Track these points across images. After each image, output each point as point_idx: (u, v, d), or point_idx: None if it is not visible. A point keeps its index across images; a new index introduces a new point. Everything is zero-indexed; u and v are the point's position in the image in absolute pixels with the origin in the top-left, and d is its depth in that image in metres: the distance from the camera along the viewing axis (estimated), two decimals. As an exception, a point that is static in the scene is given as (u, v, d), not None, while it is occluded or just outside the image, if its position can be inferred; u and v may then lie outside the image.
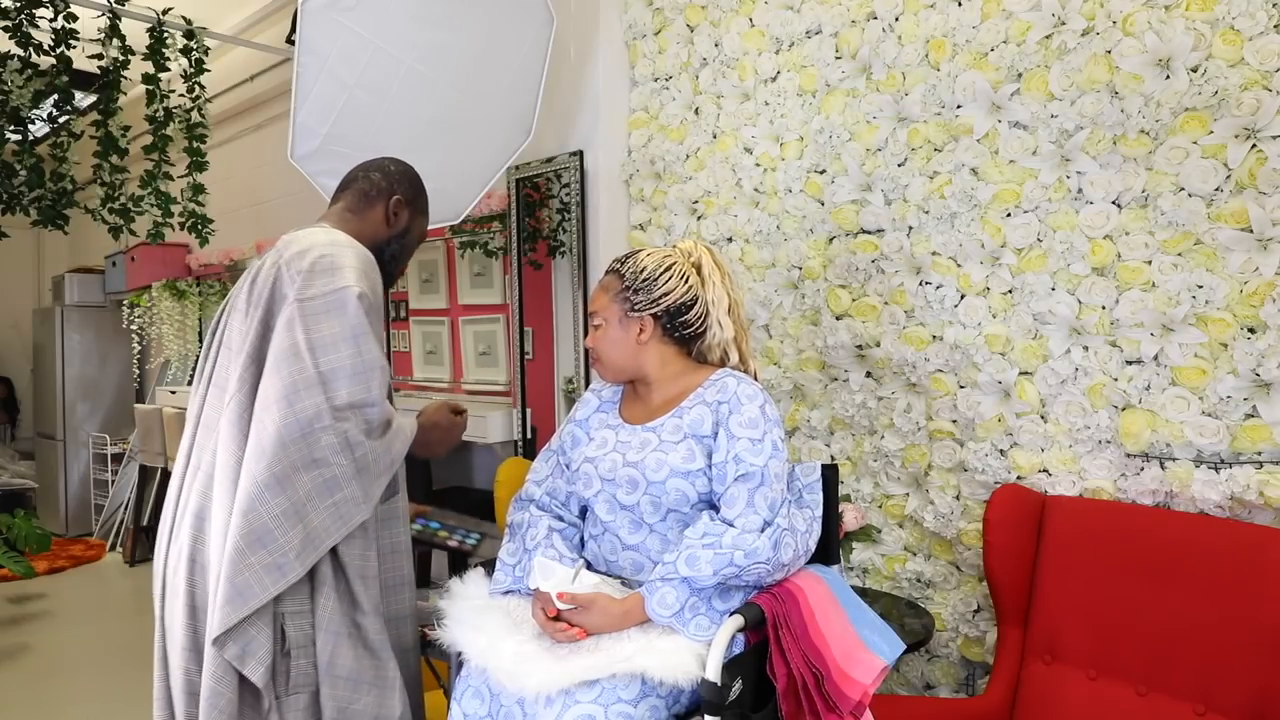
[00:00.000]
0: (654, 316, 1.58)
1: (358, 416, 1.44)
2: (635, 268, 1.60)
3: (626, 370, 1.61)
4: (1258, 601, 1.69)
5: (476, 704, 1.39)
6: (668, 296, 1.57)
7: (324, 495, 1.40)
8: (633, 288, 1.58)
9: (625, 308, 1.58)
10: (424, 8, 2.39)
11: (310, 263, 1.47)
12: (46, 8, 2.78)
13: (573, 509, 1.66)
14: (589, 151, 2.98)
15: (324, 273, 1.46)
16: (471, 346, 3.61)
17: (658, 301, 1.57)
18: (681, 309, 1.58)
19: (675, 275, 1.58)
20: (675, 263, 1.60)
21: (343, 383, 1.42)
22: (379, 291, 1.55)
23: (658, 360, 1.60)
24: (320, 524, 1.41)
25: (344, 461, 1.41)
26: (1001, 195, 2.14)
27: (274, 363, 1.42)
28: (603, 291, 1.63)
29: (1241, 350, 1.82)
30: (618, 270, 1.62)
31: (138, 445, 5.30)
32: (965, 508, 2.24)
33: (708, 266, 1.62)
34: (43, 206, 2.96)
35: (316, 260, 1.47)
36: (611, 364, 1.62)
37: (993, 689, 1.97)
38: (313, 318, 1.43)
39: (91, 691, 3.27)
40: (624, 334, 1.59)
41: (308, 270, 1.46)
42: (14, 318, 7.23)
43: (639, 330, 1.58)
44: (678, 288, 1.58)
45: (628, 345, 1.59)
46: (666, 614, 1.38)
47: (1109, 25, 1.99)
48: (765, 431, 1.47)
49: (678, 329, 1.59)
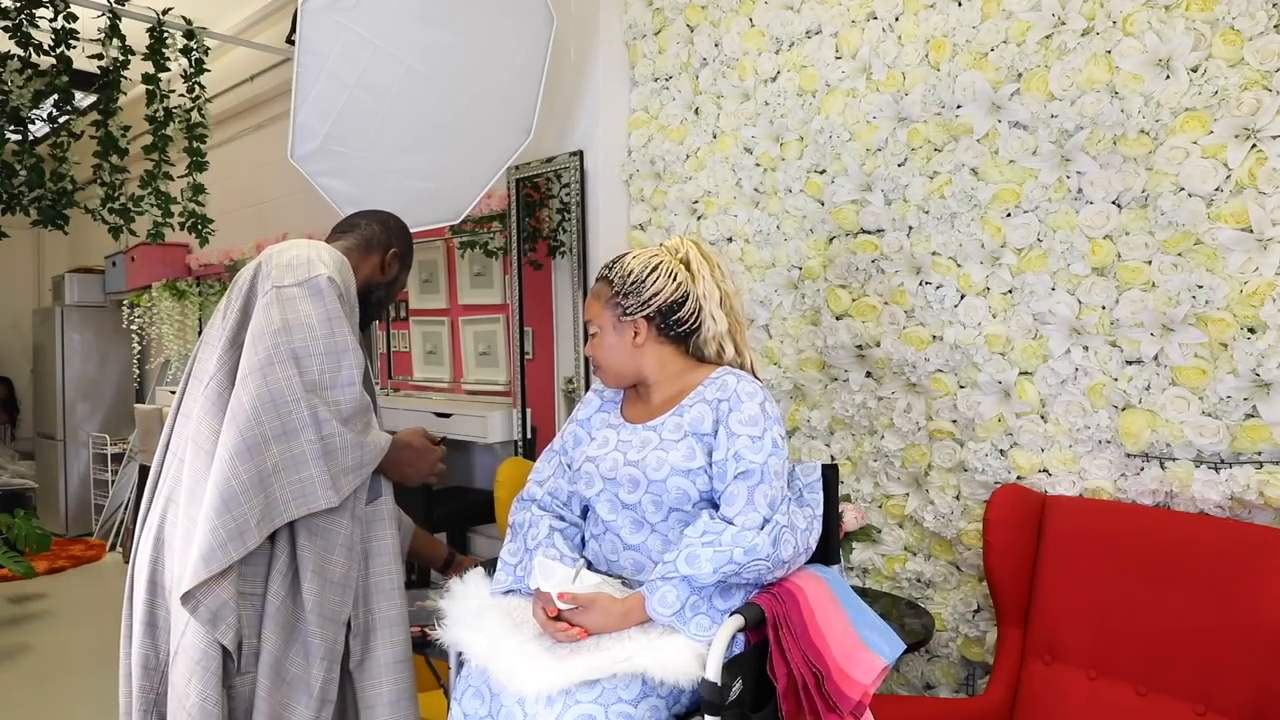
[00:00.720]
0: (647, 318, 1.58)
1: (327, 396, 1.49)
2: (623, 272, 1.60)
3: (627, 375, 1.62)
4: (1258, 601, 1.68)
5: (476, 704, 1.39)
6: (657, 297, 1.57)
7: (290, 470, 1.45)
8: (622, 292, 1.58)
9: (617, 313, 1.59)
10: (424, 8, 2.39)
11: (289, 259, 1.56)
12: (46, 8, 2.78)
13: (574, 509, 1.66)
14: (589, 151, 2.98)
15: (301, 265, 1.55)
16: (471, 346, 3.61)
17: (648, 303, 1.57)
18: (673, 307, 1.58)
19: (663, 274, 1.58)
20: (661, 262, 1.60)
21: (314, 360, 1.49)
22: (353, 292, 1.62)
23: (656, 361, 1.60)
24: (280, 497, 1.44)
25: (312, 437, 1.45)
26: (1001, 195, 2.14)
27: (251, 341, 1.49)
28: (595, 299, 1.63)
29: (1241, 350, 1.82)
30: (606, 277, 1.62)
31: (138, 445, 5.30)
32: (965, 508, 2.24)
33: (695, 261, 1.61)
34: (43, 206, 2.96)
35: (294, 257, 1.56)
36: (611, 370, 1.62)
37: (993, 689, 1.97)
38: (289, 301, 1.50)
39: (91, 691, 3.27)
40: (619, 339, 1.59)
41: (286, 265, 1.55)
42: (14, 318, 7.23)
43: (633, 334, 1.58)
44: (666, 286, 1.57)
45: (624, 350, 1.59)
46: (667, 613, 1.38)
47: (1109, 25, 1.99)
48: (765, 429, 1.48)
49: (672, 327, 1.59)
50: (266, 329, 1.47)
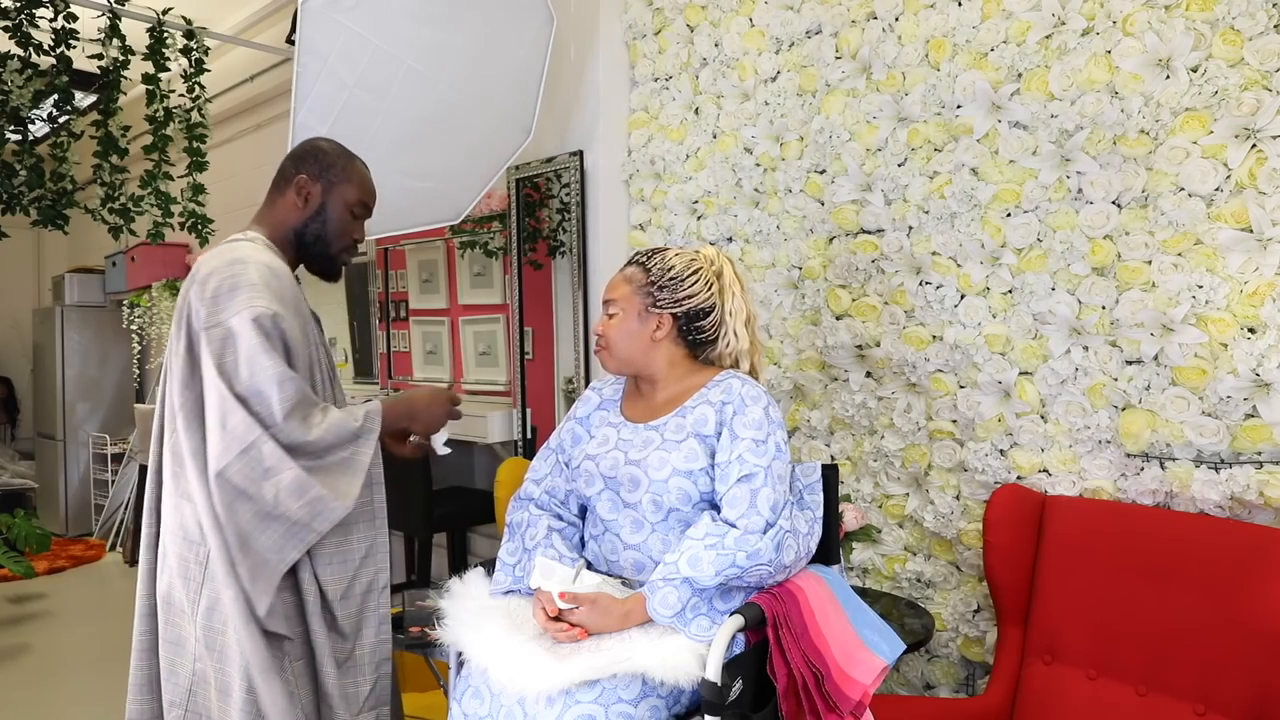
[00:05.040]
0: (673, 316, 1.59)
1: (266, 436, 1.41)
2: (663, 264, 1.60)
3: (633, 364, 1.61)
4: (1258, 601, 1.68)
5: (476, 704, 1.39)
6: (691, 299, 1.59)
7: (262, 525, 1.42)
8: (658, 284, 1.59)
9: (647, 302, 1.59)
10: (424, 8, 2.39)
11: (212, 290, 1.48)
12: (46, 8, 2.78)
13: (572, 508, 1.66)
14: (589, 151, 2.98)
15: (225, 296, 1.46)
16: (471, 346, 3.61)
17: (680, 302, 1.59)
18: (700, 314, 1.60)
19: (701, 280, 1.60)
20: (701, 268, 1.62)
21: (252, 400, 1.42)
22: (289, 296, 1.54)
23: (666, 360, 1.60)
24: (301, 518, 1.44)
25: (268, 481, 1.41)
26: (1001, 195, 2.14)
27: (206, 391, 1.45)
28: (625, 281, 1.62)
29: (1241, 350, 1.82)
30: (643, 264, 1.62)
31: (138, 445, 5.30)
32: (965, 508, 2.24)
33: (728, 277, 1.64)
34: (43, 206, 2.96)
35: (218, 287, 1.48)
36: (619, 355, 1.61)
37: (993, 689, 1.97)
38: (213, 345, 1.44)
39: (91, 691, 3.26)
40: (640, 327, 1.59)
41: (210, 299, 1.47)
42: (14, 318, 7.23)
43: (655, 326, 1.59)
44: (701, 292, 1.60)
45: (642, 339, 1.59)
46: (668, 614, 1.38)
47: (1109, 25, 1.99)
48: (769, 433, 1.48)
49: (691, 332, 1.61)
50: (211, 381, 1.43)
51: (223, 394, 1.41)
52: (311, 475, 1.41)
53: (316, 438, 1.43)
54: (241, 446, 1.39)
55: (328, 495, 1.42)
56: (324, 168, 1.68)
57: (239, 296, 1.46)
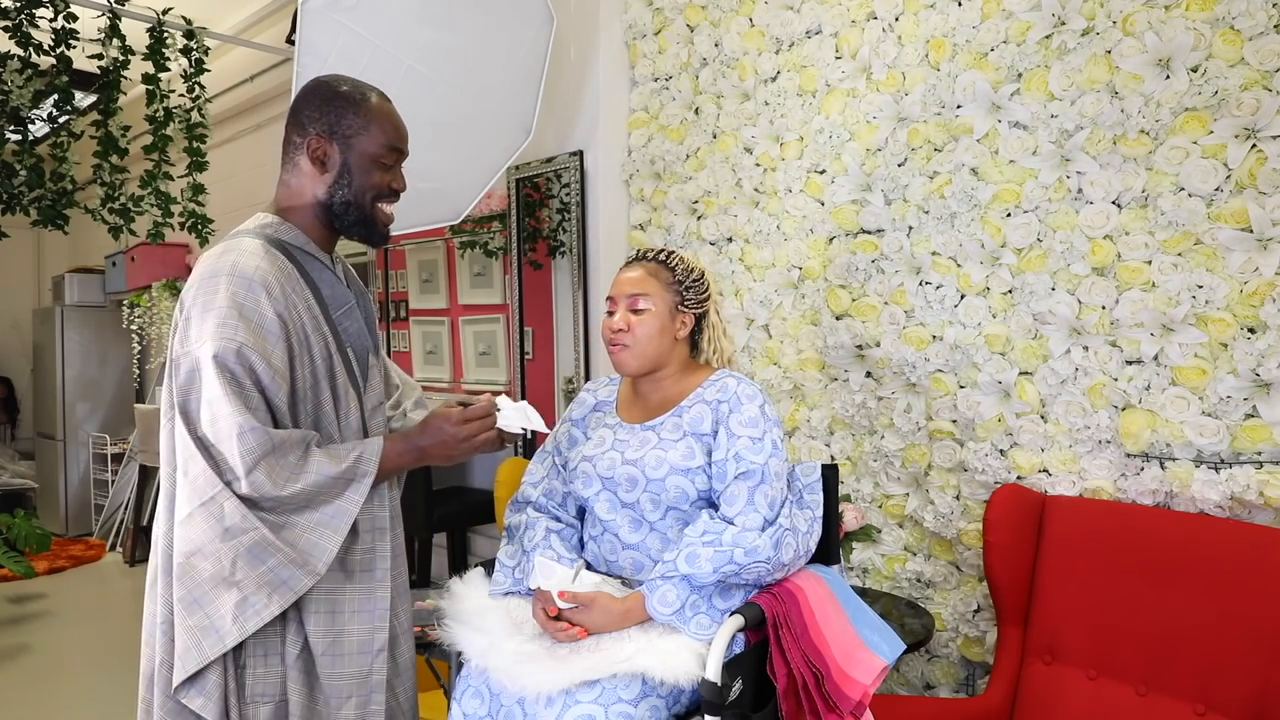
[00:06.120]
0: (695, 317, 1.63)
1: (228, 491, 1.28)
2: (685, 266, 1.63)
3: (656, 361, 1.60)
4: (1258, 601, 1.68)
5: (476, 704, 1.40)
6: (706, 303, 1.64)
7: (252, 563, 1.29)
8: (685, 284, 1.61)
9: (677, 300, 1.60)
10: (424, 8, 2.39)
11: (190, 303, 1.34)
12: (46, 8, 2.78)
13: (570, 510, 1.66)
14: (589, 151, 2.98)
15: (197, 318, 1.31)
16: (471, 346, 3.61)
17: (702, 304, 1.63)
18: (706, 316, 1.65)
19: (710, 283, 1.66)
20: (706, 271, 1.68)
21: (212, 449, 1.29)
22: (264, 313, 1.32)
23: (679, 358, 1.63)
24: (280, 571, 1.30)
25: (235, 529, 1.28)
26: (1001, 195, 2.14)
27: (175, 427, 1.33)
28: (651, 277, 1.60)
29: (1241, 350, 1.82)
30: (664, 262, 1.62)
31: (138, 445, 5.30)
32: (965, 508, 2.24)
33: (711, 285, 1.69)
34: (43, 206, 2.97)
35: (193, 302, 1.34)
36: (643, 351, 1.58)
37: (993, 689, 1.97)
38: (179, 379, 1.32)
39: (91, 691, 3.27)
40: (670, 325, 1.60)
41: (185, 319, 1.34)
42: (14, 318, 7.23)
43: (681, 325, 1.61)
44: (712, 296, 1.66)
45: (668, 337, 1.60)
46: (667, 612, 1.38)
47: (1109, 25, 1.99)
48: (765, 430, 1.48)
49: (698, 333, 1.66)
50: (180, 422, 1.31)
51: (185, 437, 1.30)
52: (280, 535, 1.28)
53: (290, 493, 1.28)
54: (201, 500, 1.27)
55: (291, 566, 1.28)
56: (335, 122, 1.43)
57: (208, 321, 1.30)
